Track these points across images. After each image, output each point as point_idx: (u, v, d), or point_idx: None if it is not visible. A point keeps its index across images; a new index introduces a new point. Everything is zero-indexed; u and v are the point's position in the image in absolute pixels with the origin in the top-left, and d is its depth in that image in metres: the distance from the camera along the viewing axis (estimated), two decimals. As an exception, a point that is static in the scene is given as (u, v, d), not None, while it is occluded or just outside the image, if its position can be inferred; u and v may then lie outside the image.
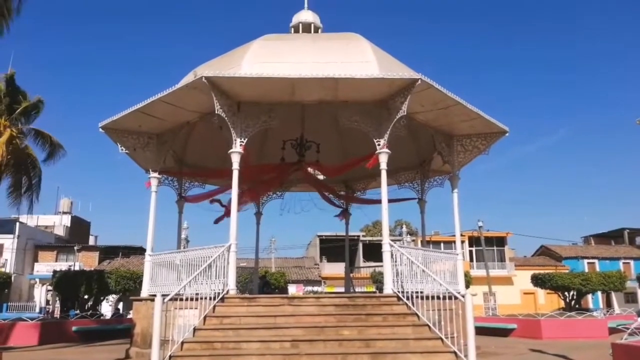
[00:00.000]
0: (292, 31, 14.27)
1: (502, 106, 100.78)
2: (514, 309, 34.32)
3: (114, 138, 12.01)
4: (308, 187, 16.34)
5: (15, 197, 22.12)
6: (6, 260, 39.54)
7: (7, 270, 38.00)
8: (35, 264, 43.39)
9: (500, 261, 46.30)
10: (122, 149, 12.06)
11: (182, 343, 8.59)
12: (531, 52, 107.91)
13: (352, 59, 10.78)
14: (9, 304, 35.87)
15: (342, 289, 20.17)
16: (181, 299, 9.05)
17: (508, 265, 46.02)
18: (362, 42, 11.51)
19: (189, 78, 10.59)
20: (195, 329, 8.94)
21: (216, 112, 10.05)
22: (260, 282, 19.43)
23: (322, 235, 46.52)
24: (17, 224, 40.49)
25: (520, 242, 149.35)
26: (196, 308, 9.16)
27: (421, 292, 9.48)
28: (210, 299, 9.40)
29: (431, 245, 31.79)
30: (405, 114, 10.16)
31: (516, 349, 13.26)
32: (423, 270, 9.94)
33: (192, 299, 9.17)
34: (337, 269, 38.93)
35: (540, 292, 40.96)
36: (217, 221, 14.65)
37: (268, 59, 10.83)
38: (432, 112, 11.40)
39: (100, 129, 11.74)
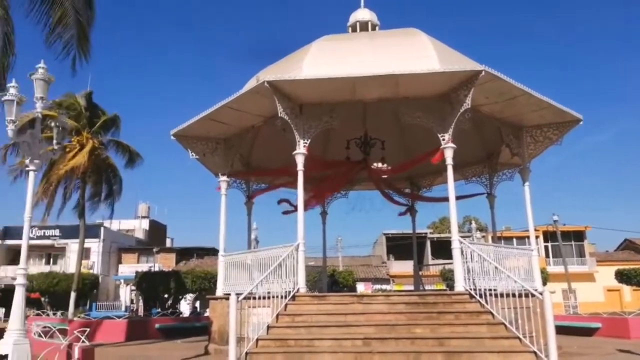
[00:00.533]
0: (350, 30, 14.30)
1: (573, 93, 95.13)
2: (597, 307, 32.29)
3: (184, 144, 12.61)
4: (371, 186, 16.31)
5: (98, 204, 23.98)
6: (93, 262, 42.55)
7: (95, 272, 40.93)
8: (120, 265, 46.36)
9: (580, 256, 43.69)
10: (192, 155, 12.63)
11: (257, 340, 8.88)
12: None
13: (412, 54, 10.65)
14: (97, 303, 38.59)
15: (411, 287, 19.92)
16: (254, 298, 9.35)
17: (588, 260, 43.33)
18: (421, 37, 11.33)
19: (251, 83, 10.93)
20: (268, 327, 9.21)
21: (279, 115, 10.30)
22: (329, 281, 19.62)
23: (388, 234, 46.13)
24: (102, 228, 43.48)
25: (601, 237, 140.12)
26: (269, 306, 9.43)
27: (494, 290, 9.20)
28: (281, 297, 9.64)
29: (502, 241, 30.59)
30: (469, 106, 9.90)
31: (602, 349, 12.48)
32: (496, 267, 9.64)
33: (264, 298, 9.44)
34: (405, 267, 38.50)
35: (626, 289, 38.34)
36: (286, 213, 14.87)
37: (327, 60, 10.95)
38: (498, 104, 11.02)
39: (172, 137, 12.37)
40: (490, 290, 9.22)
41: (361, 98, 11.30)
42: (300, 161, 10.70)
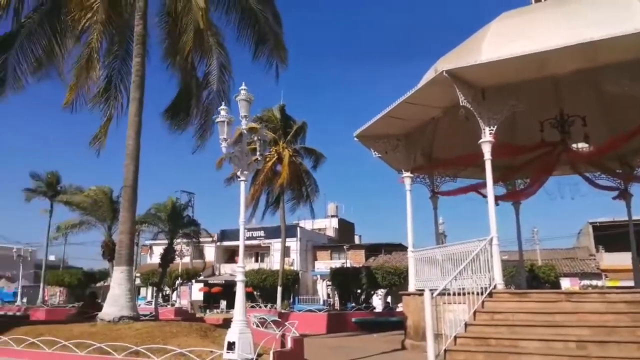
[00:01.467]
0: (533, 1, 13.01)
1: None
2: None
3: (366, 144, 12.99)
4: (567, 170, 14.62)
5: (296, 206, 26.40)
6: (293, 259, 46.67)
7: (295, 269, 44.85)
8: (315, 262, 50.00)
9: None
10: (375, 154, 12.94)
11: (455, 338, 8.65)
12: None
13: (611, 15, 9.25)
14: (299, 297, 42.21)
15: (630, 283, 17.26)
16: (448, 294, 9.14)
17: None
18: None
19: (429, 75, 10.73)
20: (466, 324, 8.91)
21: (461, 103, 9.90)
22: (527, 276, 18.21)
23: (595, 222, 40.71)
24: (298, 228, 47.51)
25: None
26: (464, 303, 9.12)
27: None
28: (477, 294, 9.25)
29: None
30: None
31: None
32: None
33: (458, 294, 9.17)
34: (620, 259, 33.39)
35: None
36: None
37: (509, 38, 10.14)
38: None
39: (355, 138, 12.84)
40: None
41: (552, 73, 10.24)
42: (487, 150, 10.13)
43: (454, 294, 9.14)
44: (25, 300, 36.54)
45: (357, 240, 58.34)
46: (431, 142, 14.13)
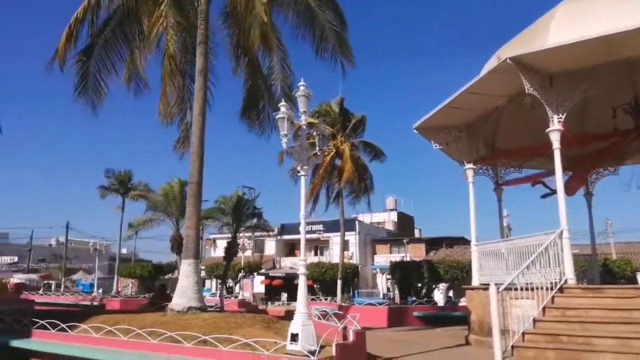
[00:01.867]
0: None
1: None
2: None
3: (426, 136, 12.75)
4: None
5: (355, 200, 26.40)
6: (352, 253, 46.76)
7: (354, 262, 44.92)
8: (375, 256, 49.86)
9: None
10: (435, 146, 12.68)
11: (523, 334, 8.36)
12: None
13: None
14: (358, 290, 42.27)
15: None
16: (515, 289, 8.84)
17: None
18: None
19: (492, 63, 10.37)
20: (535, 320, 8.58)
21: (526, 91, 9.50)
22: (601, 271, 17.21)
23: (676, 213, 37.84)
24: (357, 222, 47.50)
25: None
26: (531, 298, 8.79)
27: None
28: (546, 289, 8.88)
29: None
30: None
31: None
32: None
33: (525, 289, 8.84)
34: None
35: None
36: (544, 196, 13.64)
37: (578, 21, 9.59)
38: None
39: (414, 130, 12.64)
40: None
41: (626, 56, 9.57)
42: (555, 139, 9.67)
43: (521, 289, 8.82)
44: (101, 290, 39.00)
45: (417, 234, 57.62)
46: (494, 132, 13.66)
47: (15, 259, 60.90)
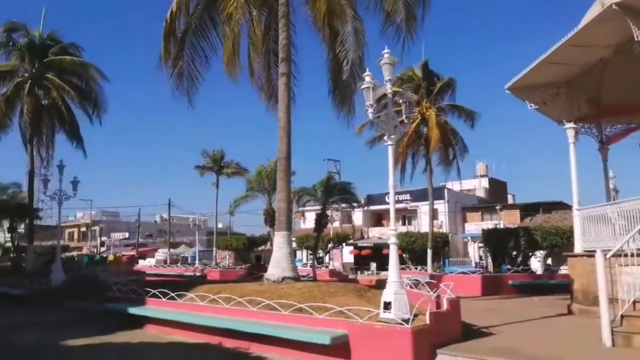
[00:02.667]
0: None
1: None
2: None
3: (520, 96, 11.99)
4: None
5: (443, 167, 25.62)
6: (442, 222, 45.81)
7: (443, 231, 44.03)
8: (465, 224, 48.48)
9: None
10: (530, 106, 11.92)
11: (634, 303, 7.76)
12: None
13: None
14: (449, 259, 41.48)
15: None
16: (624, 255, 8.18)
17: None
18: None
19: (594, 11, 9.43)
20: (648, 289, 7.91)
21: (636, 39, 8.54)
22: None
23: None
24: (445, 190, 46.29)
25: None
26: (644, 265, 8.09)
27: None
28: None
29: None
30: None
31: None
32: None
33: (637, 255, 8.14)
34: None
35: None
36: None
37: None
38: None
39: (507, 90, 11.92)
40: None
41: None
42: (672, 90, 8.67)
43: (632, 255, 8.14)
44: (202, 262, 41.80)
45: (510, 200, 55.07)
46: (599, 86, 12.49)
47: (126, 234, 66.94)
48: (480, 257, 43.16)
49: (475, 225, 45.64)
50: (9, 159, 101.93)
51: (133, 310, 11.07)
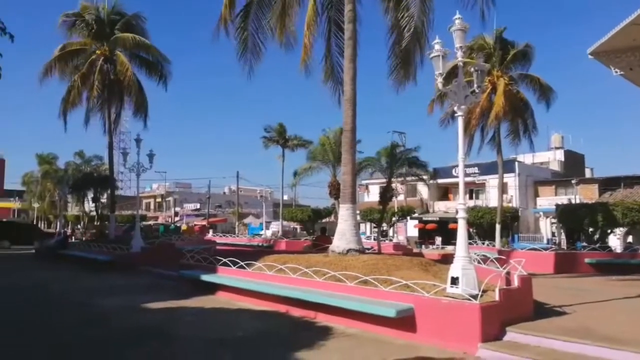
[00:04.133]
0: None
1: None
2: None
3: (604, 62, 11.15)
4: None
5: (514, 139, 24.39)
6: (511, 196, 43.98)
7: (514, 205, 42.36)
8: (537, 198, 46.27)
9: None
10: (615, 72, 11.06)
11: None
12: None
13: None
14: (519, 234, 39.95)
15: None
16: None
17: None
18: None
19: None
20: None
21: None
22: None
23: None
24: (516, 163, 44.27)
25: None
26: None
27: None
28: None
29: None
30: None
31: None
32: None
33: None
34: None
35: None
36: None
37: None
38: None
39: (589, 56, 11.10)
40: None
41: None
42: None
43: None
44: (268, 232, 42.99)
45: (588, 174, 51.90)
46: (694, 49, 11.36)
47: (198, 205, 70.02)
48: (553, 234, 41.26)
49: (548, 200, 43.52)
50: (89, 133, 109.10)
51: (206, 277, 11.67)
